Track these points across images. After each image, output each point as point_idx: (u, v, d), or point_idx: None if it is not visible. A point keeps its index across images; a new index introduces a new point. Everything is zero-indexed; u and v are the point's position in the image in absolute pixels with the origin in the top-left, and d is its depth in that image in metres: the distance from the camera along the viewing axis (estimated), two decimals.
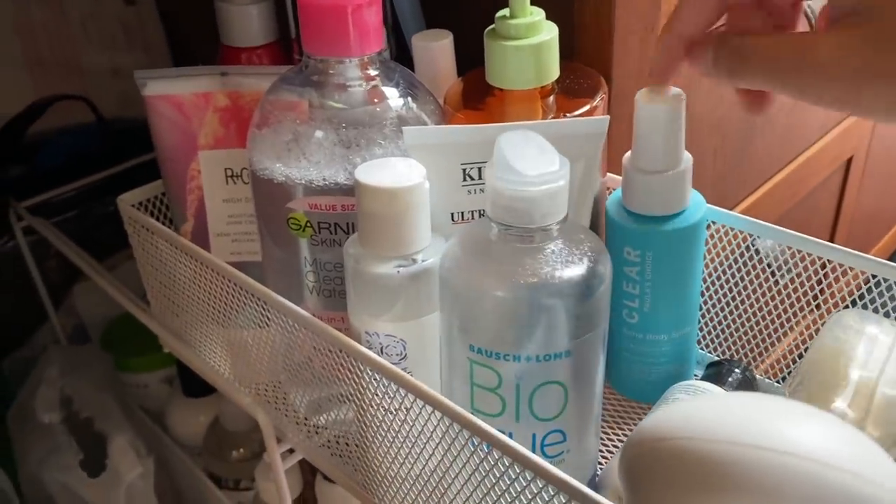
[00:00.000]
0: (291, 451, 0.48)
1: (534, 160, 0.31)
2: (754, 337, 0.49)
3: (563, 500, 0.29)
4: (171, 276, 0.48)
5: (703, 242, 0.44)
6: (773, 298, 0.48)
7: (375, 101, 0.39)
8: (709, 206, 0.45)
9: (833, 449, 0.19)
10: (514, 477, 0.31)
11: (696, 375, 0.48)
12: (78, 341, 0.76)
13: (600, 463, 0.40)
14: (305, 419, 0.45)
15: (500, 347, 0.34)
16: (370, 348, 0.36)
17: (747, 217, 0.46)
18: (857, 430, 0.21)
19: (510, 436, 0.34)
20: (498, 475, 0.32)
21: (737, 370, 0.42)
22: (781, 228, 0.45)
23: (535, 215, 0.32)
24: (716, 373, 0.43)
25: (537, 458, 0.30)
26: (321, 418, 0.44)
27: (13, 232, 0.68)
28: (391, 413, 0.36)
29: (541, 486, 0.30)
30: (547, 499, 0.30)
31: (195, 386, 0.69)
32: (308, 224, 0.39)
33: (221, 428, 0.66)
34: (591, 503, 0.28)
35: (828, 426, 0.20)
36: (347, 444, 0.43)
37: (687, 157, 0.42)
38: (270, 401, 0.47)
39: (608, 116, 0.39)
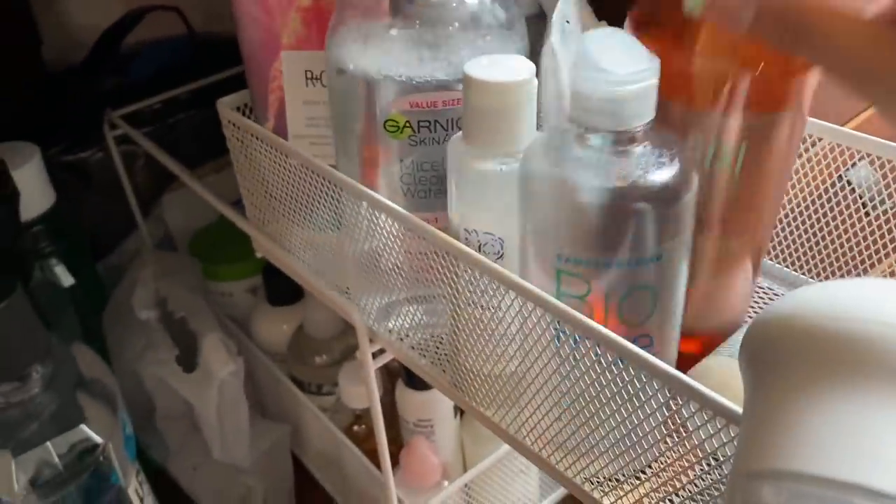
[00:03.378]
0: (378, 353, 0.49)
1: (621, 58, 0.30)
2: (841, 267, 0.48)
3: (668, 394, 0.30)
4: (267, 180, 0.49)
5: None
6: (862, 230, 0.47)
7: None
8: None
9: None
10: (616, 372, 0.31)
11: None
12: (165, 250, 0.79)
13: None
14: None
15: (590, 254, 0.33)
16: (468, 245, 0.37)
17: (838, 127, 0.45)
18: None
19: None
20: (600, 370, 0.32)
21: None
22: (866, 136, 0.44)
23: (623, 117, 0.31)
24: None
25: (636, 349, 0.30)
26: (392, 322, 0.45)
27: (103, 143, 0.70)
28: (489, 311, 0.37)
29: (633, 374, 0.30)
30: (640, 386, 0.30)
31: (280, 295, 0.71)
32: (407, 124, 0.39)
33: (305, 335, 0.68)
34: (698, 394, 0.29)
35: None
36: (440, 345, 0.44)
37: None
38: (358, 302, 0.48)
39: None
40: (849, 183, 0.48)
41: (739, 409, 0.27)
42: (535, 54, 0.39)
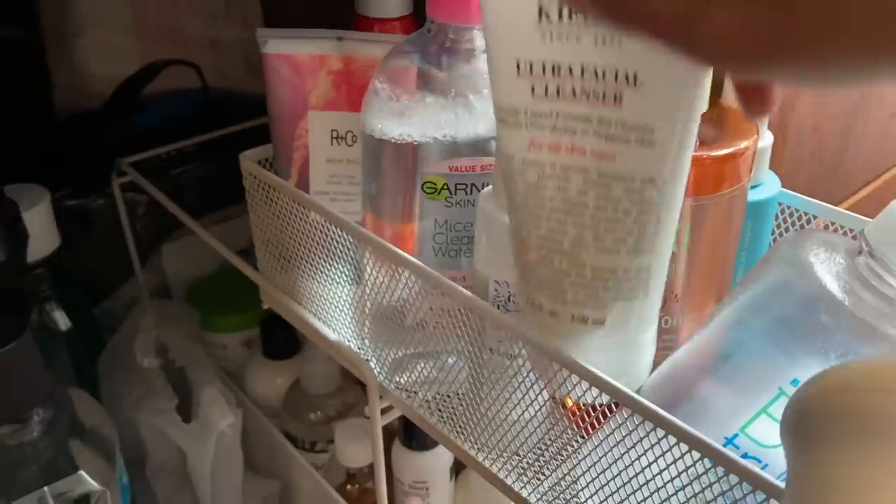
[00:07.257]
0: (385, 410, 0.49)
1: None
2: None
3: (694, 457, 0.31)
4: (285, 233, 0.50)
5: (770, 221, 0.46)
6: None
7: None
8: (793, 192, 0.47)
9: None
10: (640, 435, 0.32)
11: None
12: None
13: None
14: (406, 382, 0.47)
15: None
16: (497, 296, 0.38)
17: (834, 207, 0.47)
18: None
19: None
20: (625, 432, 0.33)
21: None
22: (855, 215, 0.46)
23: None
24: None
25: (665, 414, 0.31)
26: (404, 377, 0.45)
27: (106, 189, 0.70)
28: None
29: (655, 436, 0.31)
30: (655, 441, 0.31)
31: (277, 349, 0.71)
32: (445, 186, 0.40)
33: (302, 390, 0.68)
34: (727, 461, 0.30)
35: None
36: (454, 403, 0.44)
37: (767, 137, 0.43)
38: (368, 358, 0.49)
39: None
40: None
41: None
42: None
